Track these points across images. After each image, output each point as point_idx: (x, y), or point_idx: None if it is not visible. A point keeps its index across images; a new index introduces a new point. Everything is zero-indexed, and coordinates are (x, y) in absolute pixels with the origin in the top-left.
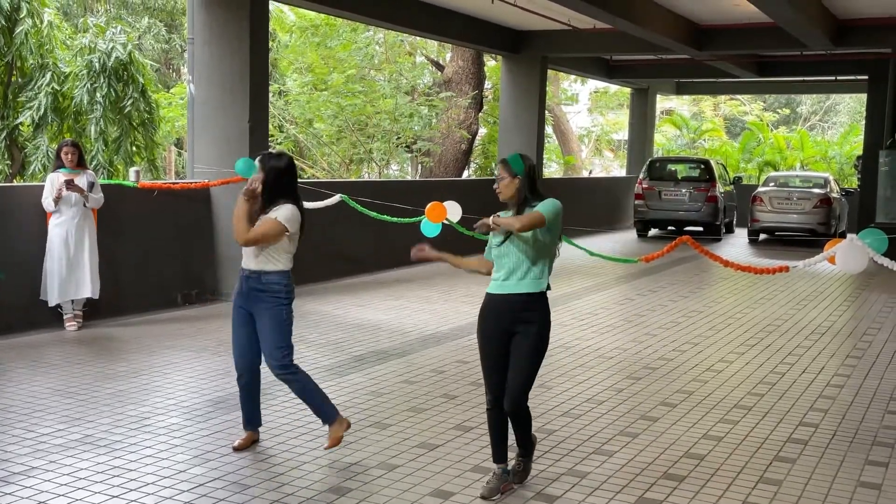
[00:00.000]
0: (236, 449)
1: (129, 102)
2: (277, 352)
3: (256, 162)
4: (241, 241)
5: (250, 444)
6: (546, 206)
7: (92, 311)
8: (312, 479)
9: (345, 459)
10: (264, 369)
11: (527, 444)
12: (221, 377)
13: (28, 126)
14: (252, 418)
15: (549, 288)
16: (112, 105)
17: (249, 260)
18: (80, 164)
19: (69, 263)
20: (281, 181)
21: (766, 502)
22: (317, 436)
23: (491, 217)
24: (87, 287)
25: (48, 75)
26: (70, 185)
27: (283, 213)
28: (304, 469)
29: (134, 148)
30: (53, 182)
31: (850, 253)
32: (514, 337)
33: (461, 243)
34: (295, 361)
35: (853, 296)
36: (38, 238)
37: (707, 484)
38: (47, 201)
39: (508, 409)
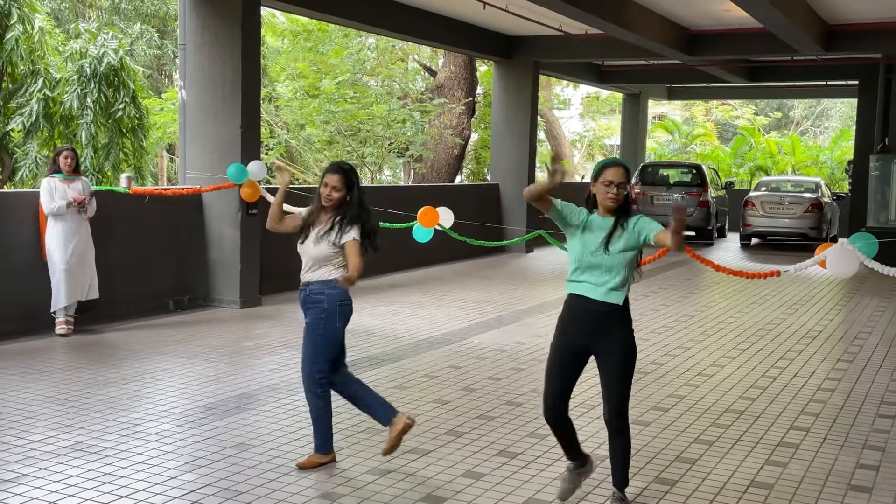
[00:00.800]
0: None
1: (120, 108)
2: (310, 366)
3: (342, 178)
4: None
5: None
6: (656, 225)
7: (84, 317)
8: (303, 485)
9: (337, 465)
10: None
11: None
12: (213, 383)
13: (18, 132)
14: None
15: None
16: (102, 110)
17: (307, 273)
18: (76, 171)
19: (77, 266)
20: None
21: None
22: (308, 442)
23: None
24: (95, 288)
25: (39, 81)
26: (80, 204)
27: (357, 233)
28: (295, 475)
29: (122, 154)
30: (53, 187)
31: (840, 257)
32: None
33: (454, 249)
34: (293, 365)
35: (844, 300)
36: (31, 244)
37: (699, 488)
38: (56, 206)
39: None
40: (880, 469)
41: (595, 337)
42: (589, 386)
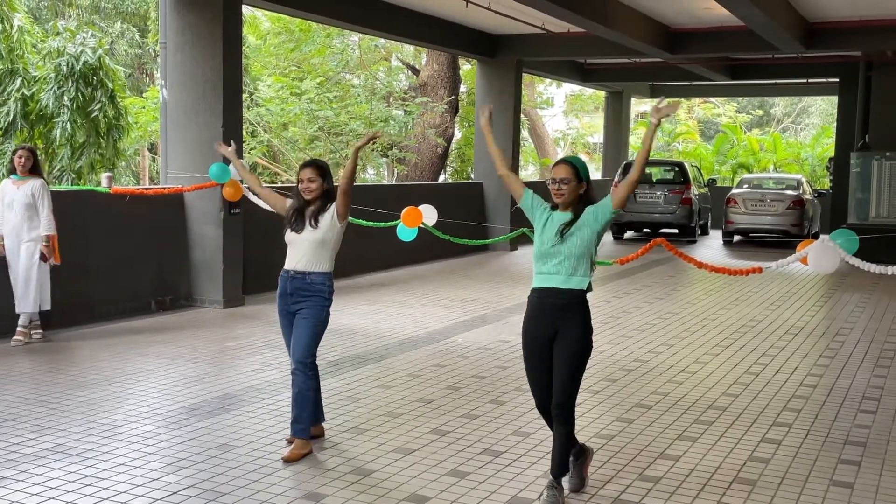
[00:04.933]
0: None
1: (97, 107)
2: (307, 350)
3: (314, 169)
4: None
5: (317, 436)
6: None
7: (63, 318)
8: (287, 485)
9: (320, 465)
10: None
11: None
12: (195, 384)
13: None
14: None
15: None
16: (79, 109)
17: (301, 261)
18: (35, 172)
19: (16, 275)
20: (332, 185)
21: (740, 502)
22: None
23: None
24: (28, 303)
25: (18, 80)
26: (42, 256)
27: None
28: (278, 475)
29: (98, 154)
30: (3, 190)
31: (822, 254)
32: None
33: (438, 248)
34: (276, 365)
35: (826, 296)
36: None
37: (682, 485)
38: None
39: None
40: (862, 464)
41: (557, 325)
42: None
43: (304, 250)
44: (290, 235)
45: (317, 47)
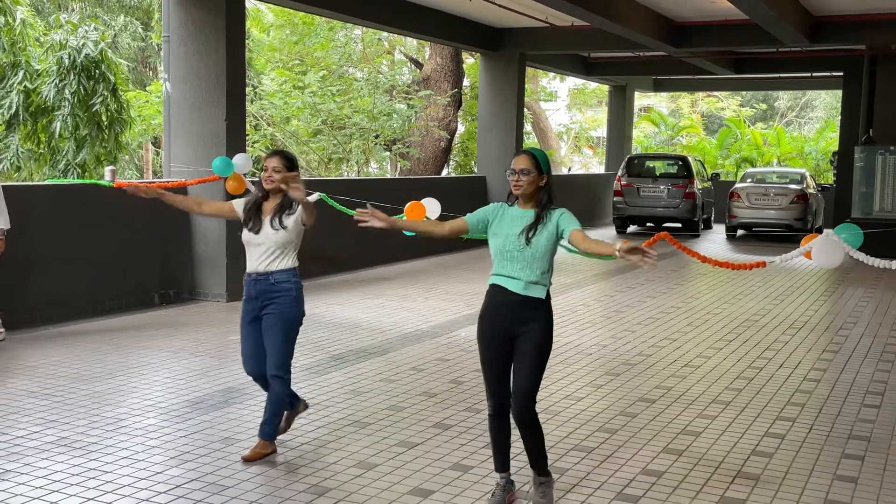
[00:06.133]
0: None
1: (99, 101)
2: (284, 354)
3: (280, 159)
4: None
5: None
6: (575, 220)
7: (69, 312)
8: (290, 479)
9: (323, 459)
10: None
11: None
12: (199, 378)
13: (0, 125)
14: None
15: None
16: (81, 103)
17: (261, 262)
18: None
19: None
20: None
21: (743, 496)
22: (295, 435)
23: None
24: None
25: (20, 73)
26: None
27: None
28: (281, 469)
29: (102, 148)
30: None
31: (825, 248)
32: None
33: (441, 242)
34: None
35: (829, 290)
36: (13, 237)
37: (685, 479)
38: None
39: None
40: (865, 459)
41: (515, 324)
42: (569, 382)
43: (265, 251)
44: (247, 235)
45: (320, 41)
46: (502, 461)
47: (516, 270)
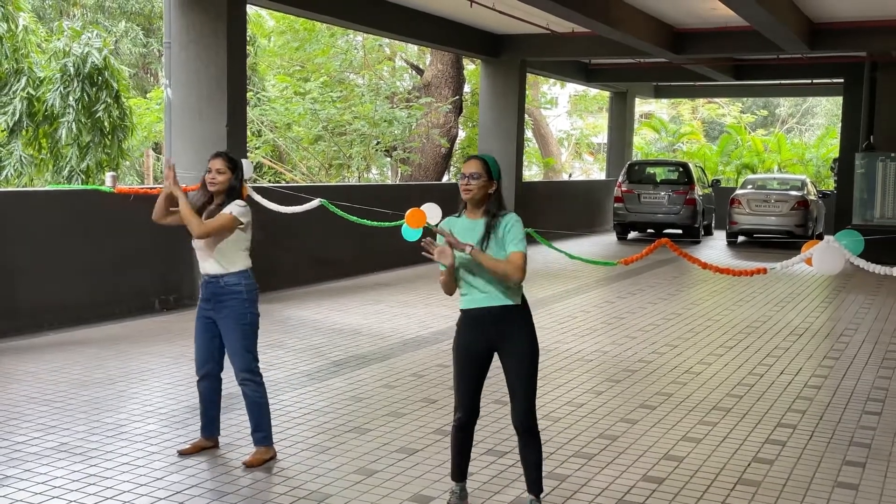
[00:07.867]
0: (182, 453)
1: (102, 108)
2: (245, 356)
3: (224, 161)
4: (198, 233)
5: (199, 450)
6: (521, 238)
7: (69, 317)
8: (291, 485)
9: (324, 465)
10: (226, 375)
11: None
12: None
13: (3, 131)
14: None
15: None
16: (84, 110)
17: (208, 265)
18: None
19: None
20: (240, 183)
21: (744, 503)
22: (294, 441)
23: (468, 247)
24: None
25: (23, 80)
26: None
27: (237, 209)
28: (282, 475)
29: (105, 154)
30: None
31: (826, 254)
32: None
33: None
34: (279, 365)
35: (830, 297)
36: (15, 242)
37: (686, 486)
38: None
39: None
40: (866, 466)
41: (496, 337)
42: (570, 388)
43: (211, 253)
44: (196, 240)
45: (321, 47)
46: (461, 471)
47: (482, 284)
